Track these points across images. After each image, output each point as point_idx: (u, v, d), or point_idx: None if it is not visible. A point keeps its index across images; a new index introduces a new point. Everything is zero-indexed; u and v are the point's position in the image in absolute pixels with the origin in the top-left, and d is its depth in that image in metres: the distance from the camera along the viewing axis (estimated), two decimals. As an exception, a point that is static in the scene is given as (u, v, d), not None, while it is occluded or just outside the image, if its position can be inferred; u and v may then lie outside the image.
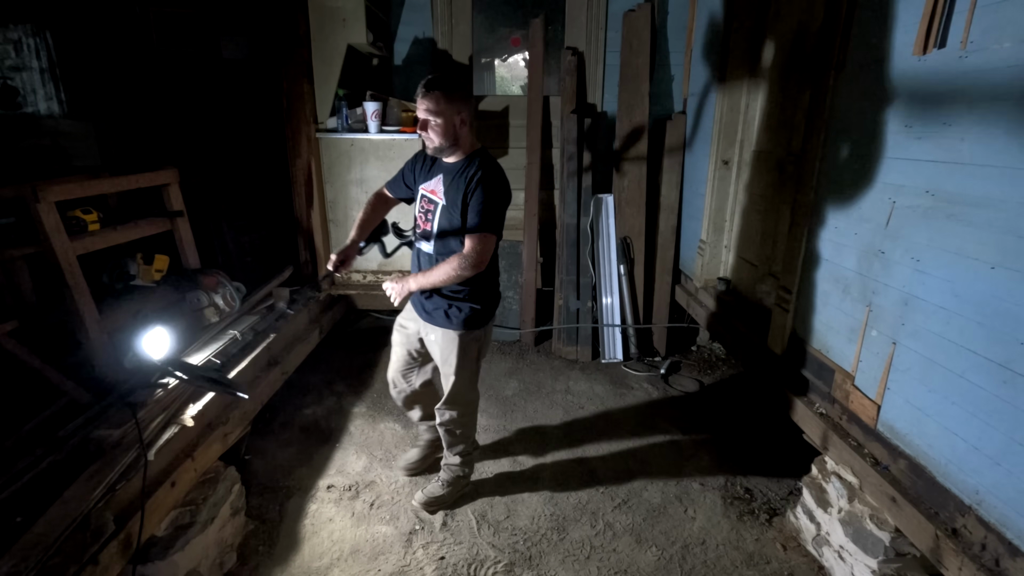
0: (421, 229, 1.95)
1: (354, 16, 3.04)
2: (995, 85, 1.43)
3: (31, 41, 2.84)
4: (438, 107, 1.74)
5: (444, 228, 1.88)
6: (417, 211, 1.97)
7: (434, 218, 1.89)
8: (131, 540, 1.49)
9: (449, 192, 1.86)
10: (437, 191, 1.88)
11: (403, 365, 2.22)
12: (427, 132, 1.79)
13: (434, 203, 1.89)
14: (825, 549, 1.96)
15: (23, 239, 1.95)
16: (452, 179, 1.85)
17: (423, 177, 1.96)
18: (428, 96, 1.74)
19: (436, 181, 1.90)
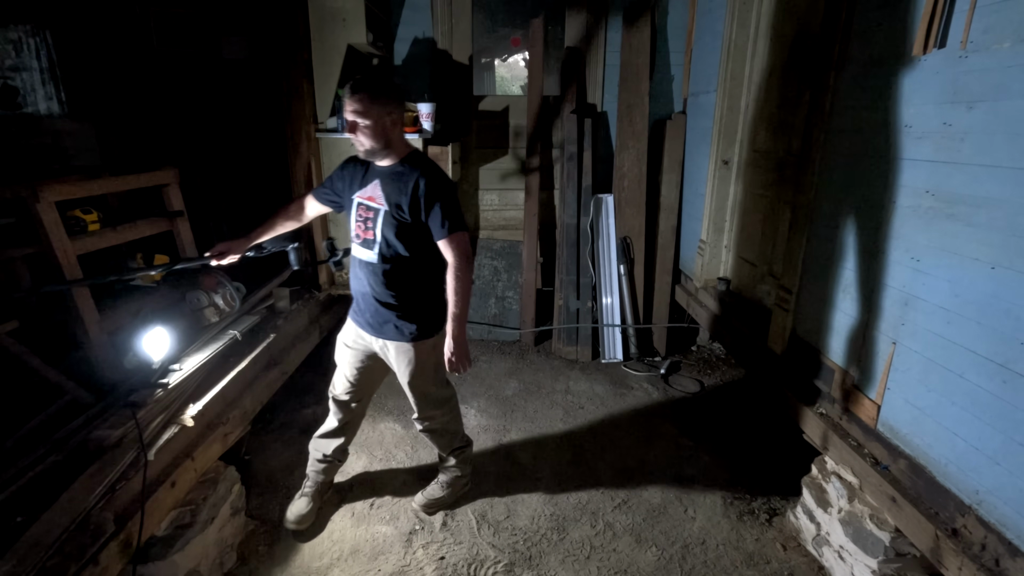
0: (361, 238, 1.83)
1: (354, 16, 3.04)
2: (995, 85, 1.43)
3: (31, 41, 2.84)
4: (365, 108, 1.67)
5: (388, 234, 1.78)
6: (354, 220, 1.84)
7: (376, 225, 1.79)
8: (131, 540, 1.49)
9: (390, 197, 1.77)
10: (376, 197, 1.79)
11: (349, 386, 2.08)
12: (356, 135, 1.71)
13: (374, 210, 1.79)
14: (825, 549, 1.96)
15: (23, 239, 1.94)
16: (392, 183, 1.78)
17: (357, 185, 1.84)
18: (353, 97, 1.67)
19: (373, 187, 1.80)
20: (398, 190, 1.76)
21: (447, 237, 1.78)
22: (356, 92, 1.67)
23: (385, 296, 1.86)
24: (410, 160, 1.80)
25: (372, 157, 1.79)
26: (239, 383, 2.20)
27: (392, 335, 1.90)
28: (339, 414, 2.13)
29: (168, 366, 2.01)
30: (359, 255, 1.86)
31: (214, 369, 2.16)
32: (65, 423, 1.69)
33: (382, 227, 1.78)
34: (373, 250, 1.82)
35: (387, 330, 1.90)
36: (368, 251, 1.83)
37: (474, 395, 3.11)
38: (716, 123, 3.22)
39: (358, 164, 1.87)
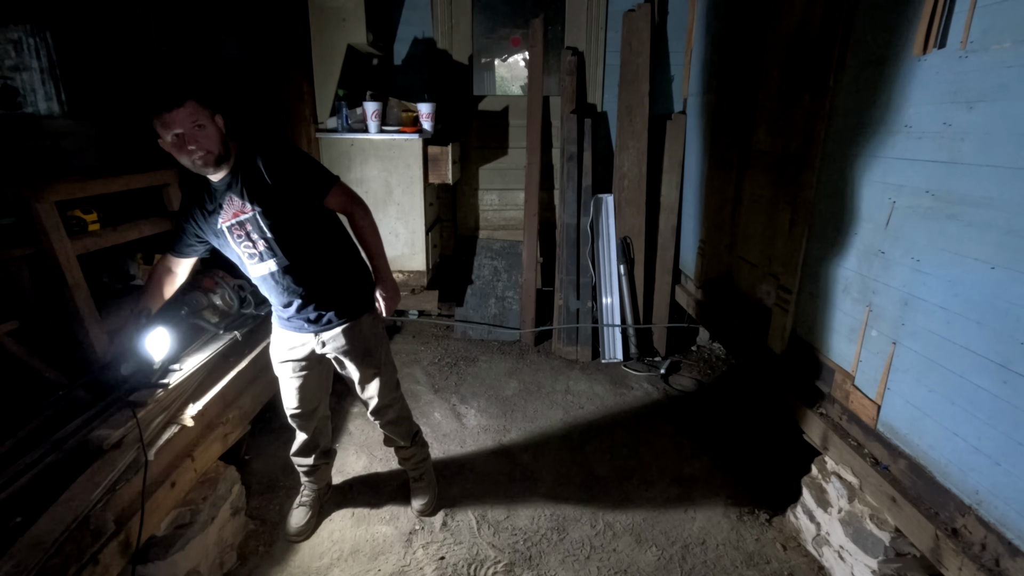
0: (256, 254, 1.69)
1: (354, 16, 3.04)
2: (995, 85, 1.43)
3: (31, 41, 2.84)
4: (199, 112, 1.54)
5: (279, 229, 1.65)
6: (236, 248, 1.69)
7: (262, 228, 1.64)
8: (131, 540, 1.50)
9: (254, 196, 1.62)
10: (239, 210, 1.63)
11: (299, 397, 1.98)
12: (194, 148, 1.52)
13: (246, 220, 1.64)
14: (825, 549, 1.96)
15: (23, 239, 1.94)
16: (240, 186, 1.62)
17: (214, 218, 1.66)
18: (183, 108, 1.50)
19: (228, 204, 1.64)
20: (250, 187, 1.62)
21: (330, 190, 1.71)
22: (182, 101, 1.51)
23: (310, 290, 1.75)
24: (240, 155, 1.65)
25: (215, 168, 1.59)
26: (239, 383, 2.20)
27: (335, 322, 1.81)
28: (304, 426, 2.05)
29: (168, 366, 2.01)
30: (261, 271, 1.72)
31: (214, 369, 2.16)
32: (65, 423, 1.69)
33: (266, 227, 1.64)
34: (276, 254, 1.69)
35: (335, 317, 1.81)
36: (271, 259, 1.69)
37: (474, 395, 3.11)
38: (716, 123, 3.22)
39: (200, 198, 1.68)
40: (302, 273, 1.74)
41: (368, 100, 3.13)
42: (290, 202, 1.66)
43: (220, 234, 1.69)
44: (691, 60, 3.66)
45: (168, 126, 1.50)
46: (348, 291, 1.84)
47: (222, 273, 2.53)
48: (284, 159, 1.66)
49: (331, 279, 1.80)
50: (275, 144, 1.67)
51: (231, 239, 1.68)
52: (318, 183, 1.71)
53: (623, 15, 3.61)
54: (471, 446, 2.64)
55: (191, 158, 1.54)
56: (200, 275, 2.47)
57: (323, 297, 1.79)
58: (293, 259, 1.70)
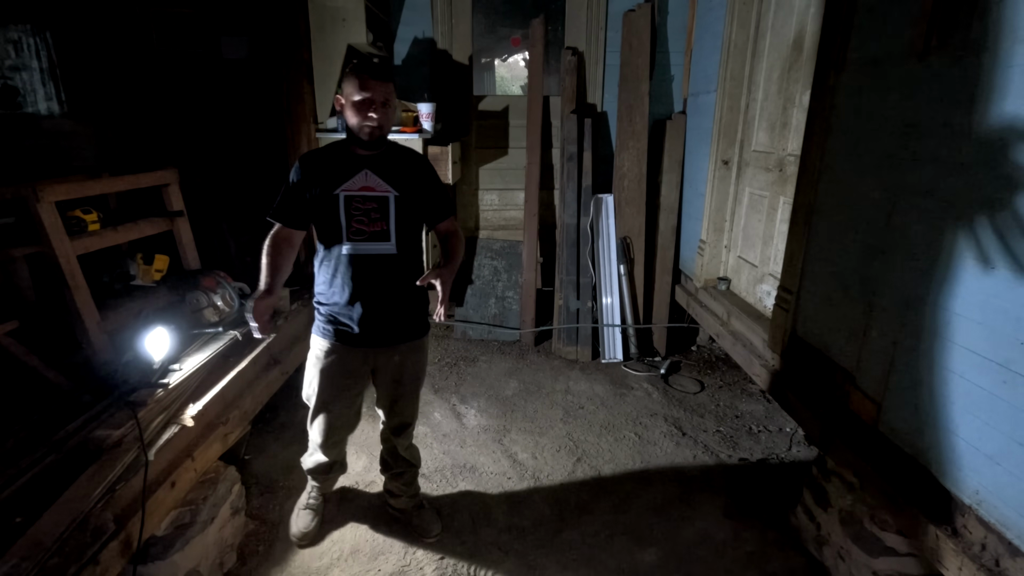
0: (367, 232, 1.69)
1: (354, 16, 3.04)
2: (995, 85, 1.43)
3: (31, 41, 2.84)
4: (390, 91, 1.65)
5: (404, 219, 1.72)
6: (343, 220, 1.68)
7: (389, 214, 1.70)
8: (131, 540, 1.49)
9: (402, 180, 1.71)
10: (375, 185, 1.69)
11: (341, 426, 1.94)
12: (374, 115, 1.62)
13: (380, 199, 1.69)
14: (825, 549, 1.96)
15: (23, 239, 1.95)
16: (391, 168, 1.71)
17: (337, 179, 1.68)
18: (385, 83, 1.63)
19: (363, 177, 1.69)
20: (403, 173, 1.73)
21: (450, 215, 1.85)
22: (389, 77, 1.65)
23: (406, 291, 1.78)
24: (392, 146, 1.78)
25: (376, 143, 1.69)
26: (239, 383, 2.20)
27: (411, 335, 1.84)
28: (331, 452, 1.99)
29: (168, 366, 2.01)
30: (365, 251, 1.70)
31: (214, 369, 2.16)
32: (65, 423, 1.69)
33: (397, 213, 1.70)
34: (390, 240, 1.71)
35: (405, 331, 1.82)
36: (383, 243, 1.71)
37: (474, 395, 3.11)
38: (716, 123, 3.22)
39: (320, 161, 1.72)
40: (405, 271, 1.76)
41: (368, 100, 3.12)
42: (421, 203, 1.75)
43: (330, 201, 1.68)
44: (691, 60, 3.66)
45: (365, 89, 1.59)
46: (423, 308, 1.87)
47: (223, 273, 2.54)
48: (431, 169, 1.82)
49: (418, 290, 1.79)
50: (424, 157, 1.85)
51: (342, 209, 1.67)
52: (447, 205, 1.85)
53: (623, 15, 3.61)
54: (471, 446, 2.64)
55: (365, 122, 1.62)
56: (200, 275, 2.47)
57: (410, 304, 1.82)
58: (403, 253, 1.74)
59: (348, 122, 1.66)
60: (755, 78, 3.03)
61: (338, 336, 1.77)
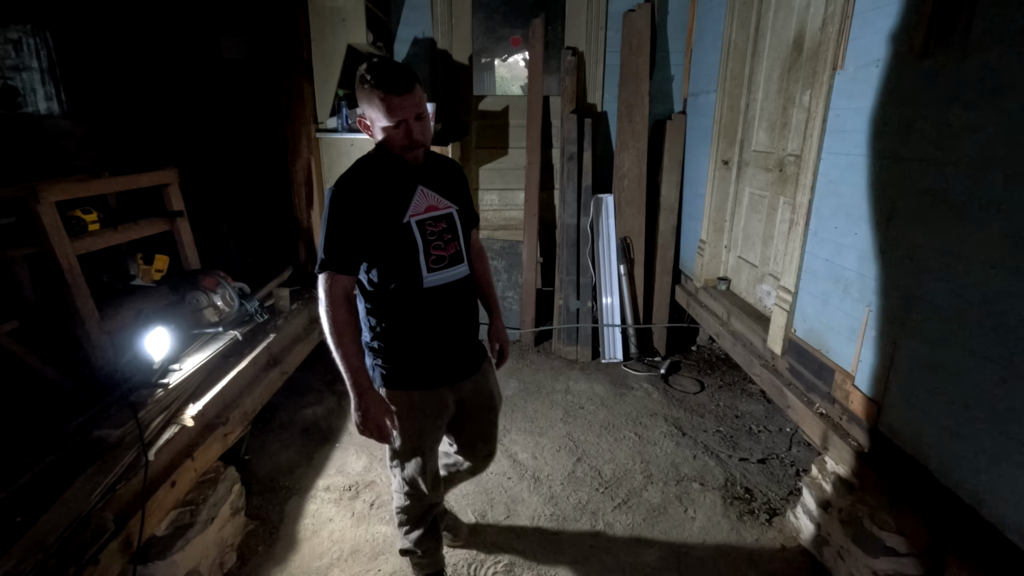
0: (445, 257, 1.46)
1: (354, 16, 3.04)
2: (995, 85, 1.43)
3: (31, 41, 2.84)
4: (424, 102, 1.39)
5: (466, 234, 1.54)
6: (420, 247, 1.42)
7: (457, 231, 1.49)
8: (131, 540, 1.50)
9: (453, 191, 1.52)
10: (438, 202, 1.46)
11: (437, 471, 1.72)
12: (417, 136, 1.37)
13: (446, 217, 1.47)
14: (825, 549, 1.96)
15: (23, 239, 1.95)
16: (438, 178, 1.50)
17: (399, 204, 1.41)
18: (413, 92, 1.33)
19: (421, 196, 1.44)
20: (451, 182, 1.54)
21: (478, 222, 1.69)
22: (411, 84, 1.33)
23: (476, 311, 1.61)
24: (430, 154, 1.56)
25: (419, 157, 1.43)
26: (239, 383, 2.20)
27: (483, 354, 1.66)
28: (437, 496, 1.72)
29: (168, 366, 2.01)
30: (446, 279, 1.47)
31: (214, 369, 2.16)
32: (65, 423, 1.69)
33: (462, 228, 1.51)
34: (464, 261, 1.51)
35: (480, 352, 1.64)
36: (458, 267, 1.49)
37: (474, 395, 3.11)
38: (716, 123, 3.22)
39: (367, 186, 1.40)
40: (472, 289, 1.58)
41: (368, 100, 3.12)
42: (468, 212, 1.57)
43: (401, 231, 1.40)
44: (691, 60, 3.66)
45: (394, 111, 1.31)
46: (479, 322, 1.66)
47: (223, 273, 2.54)
48: (463, 171, 1.64)
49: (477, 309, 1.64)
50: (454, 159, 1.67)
51: (419, 236, 1.41)
52: (475, 213, 1.66)
53: (623, 15, 3.61)
54: (471, 446, 2.64)
55: (406, 150, 1.37)
56: (200, 275, 2.47)
57: (475, 327, 1.63)
58: (471, 269, 1.55)
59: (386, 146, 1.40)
60: (755, 78, 3.03)
61: (429, 380, 1.52)
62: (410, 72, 1.34)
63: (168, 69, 3.47)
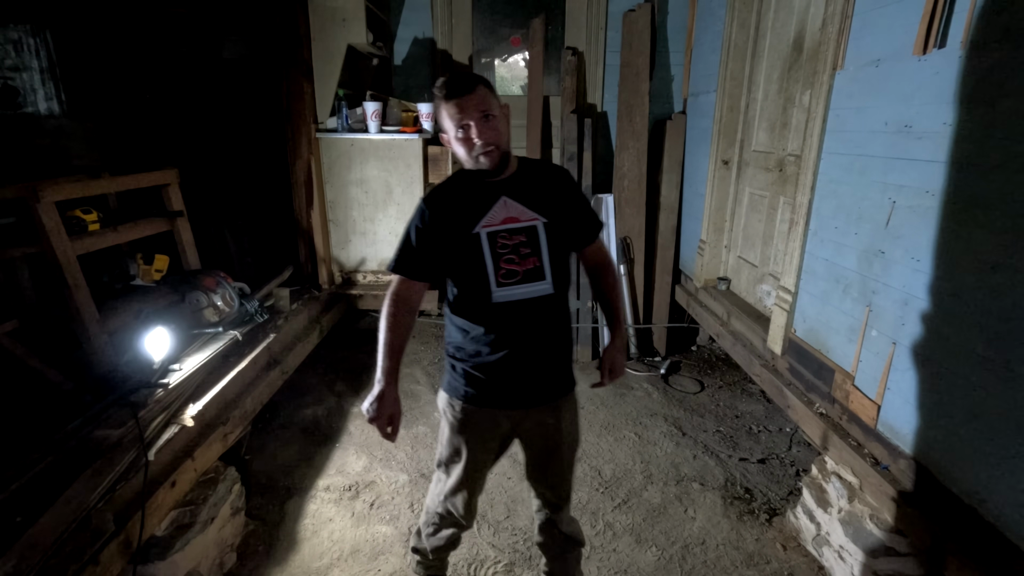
0: (520, 272, 1.36)
1: (354, 16, 3.04)
2: (995, 85, 1.43)
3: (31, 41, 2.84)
4: (489, 99, 1.31)
5: (557, 250, 1.39)
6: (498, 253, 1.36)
7: (540, 246, 1.37)
8: (131, 540, 1.50)
9: (546, 201, 1.39)
10: (520, 213, 1.37)
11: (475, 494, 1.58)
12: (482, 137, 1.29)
13: (528, 229, 1.36)
14: (825, 549, 1.96)
15: (23, 239, 1.95)
16: (530, 188, 1.39)
17: (473, 215, 1.36)
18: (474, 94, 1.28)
19: (503, 207, 1.37)
20: (546, 192, 1.40)
21: (599, 233, 1.52)
22: (472, 86, 1.29)
23: (562, 336, 1.47)
24: (527, 162, 1.45)
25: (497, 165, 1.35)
26: (239, 383, 2.20)
27: (565, 388, 1.50)
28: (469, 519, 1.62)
29: (168, 366, 2.01)
30: (519, 296, 1.37)
31: (214, 369, 2.16)
32: (65, 423, 1.69)
33: (549, 243, 1.37)
34: (545, 279, 1.38)
35: (560, 386, 1.49)
36: (536, 284, 1.37)
37: (474, 395, 3.11)
38: (716, 123, 3.22)
39: (448, 197, 1.40)
40: (561, 312, 1.46)
41: (368, 100, 3.13)
42: (568, 226, 1.43)
43: (470, 242, 1.35)
44: (691, 60, 3.66)
45: (455, 115, 1.29)
46: (570, 352, 1.53)
47: (223, 273, 2.54)
48: (574, 182, 1.51)
49: (567, 332, 1.50)
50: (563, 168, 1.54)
51: (487, 249, 1.35)
52: (594, 222, 1.50)
53: (623, 15, 3.61)
54: (471, 446, 2.64)
55: (474, 152, 1.31)
56: (200, 275, 2.47)
57: (564, 352, 1.50)
58: (557, 289, 1.41)
59: (459, 157, 1.38)
60: (755, 78, 3.03)
61: (485, 399, 1.45)
62: (476, 77, 1.32)
63: (168, 69, 3.47)
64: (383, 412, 1.35)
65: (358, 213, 3.28)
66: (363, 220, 3.30)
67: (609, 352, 1.53)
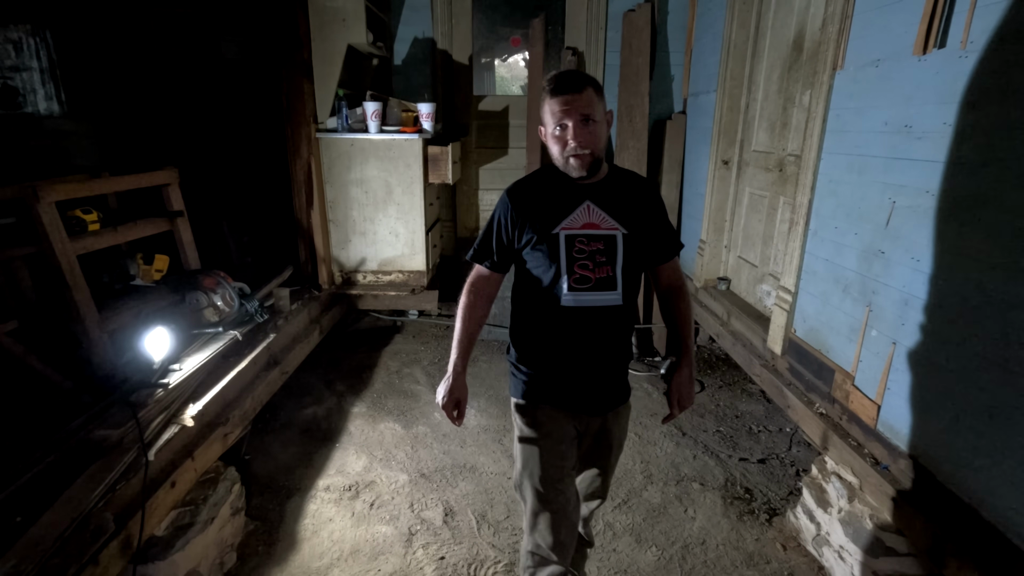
0: (592, 279, 1.35)
1: (354, 16, 3.04)
2: (995, 85, 1.43)
3: (31, 41, 2.84)
4: (594, 102, 1.29)
5: (631, 262, 1.38)
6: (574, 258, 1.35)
7: (616, 256, 1.35)
8: (131, 540, 1.50)
9: (629, 213, 1.37)
10: (601, 221, 1.36)
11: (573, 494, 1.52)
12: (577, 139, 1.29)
13: (606, 238, 1.35)
14: (825, 549, 1.96)
15: (23, 239, 1.95)
16: (617, 197, 1.38)
17: (556, 215, 1.36)
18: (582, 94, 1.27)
19: (585, 211, 1.36)
20: (630, 204, 1.39)
21: (677, 254, 1.48)
22: (580, 86, 1.28)
23: (624, 347, 1.49)
24: (617, 170, 1.45)
25: (589, 171, 1.34)
26: (239, 383, 2.20)
27: (622, 398, 1.52)
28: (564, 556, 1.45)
29: (168, 366, 2.01)
30: (588, 302, 1.36)
31: (214, 369, 2.16)
32: (65, 423, 1.69)
33: (625, 255, 1.36)
34: (616, 289, 1.37)
35: (618, 395, 1.51)
36: (607, 293, 1.36)
37: (474, 395, 3.10)
38: (716, 123, 3.22)
39: (532, 192, 1.40)
40: (627, 324, 1.46)
41: (368, 100, 3.13)
42: (647, 241, 1.41)
43: (549, 242, 1.35)
44: (691, 60, 3.66)
45: (556, 112, 1.28)
46: (627, 363, 1.54)
47: (223, 273, 2.54)
48: (660, 198, 1.47)
49: (628, 344, 1.51)
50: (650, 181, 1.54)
51: (564, 250, 1.34)
52: (674, 240, 1.47)
53: (623, 15, 3.61)
54: (471, 446, 2.64)
55: (565, 152, 1.31)
56: (200, 275, 2.47)
57: (623, 363, 1.50)
58: (626, 301, 1.40)
59: (551, 154, 1.37)
60: (755, 78, 3.03)
61: (552, 399, 1.46)
62: (586, 78, 1.30)
63: (168, 69, 3.47)
64: (452, 398, 1.38)
65: (358, 213, 3.28)
66: (363, 220, 3.30)
67: (677, 382, 1.45)
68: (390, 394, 3.03)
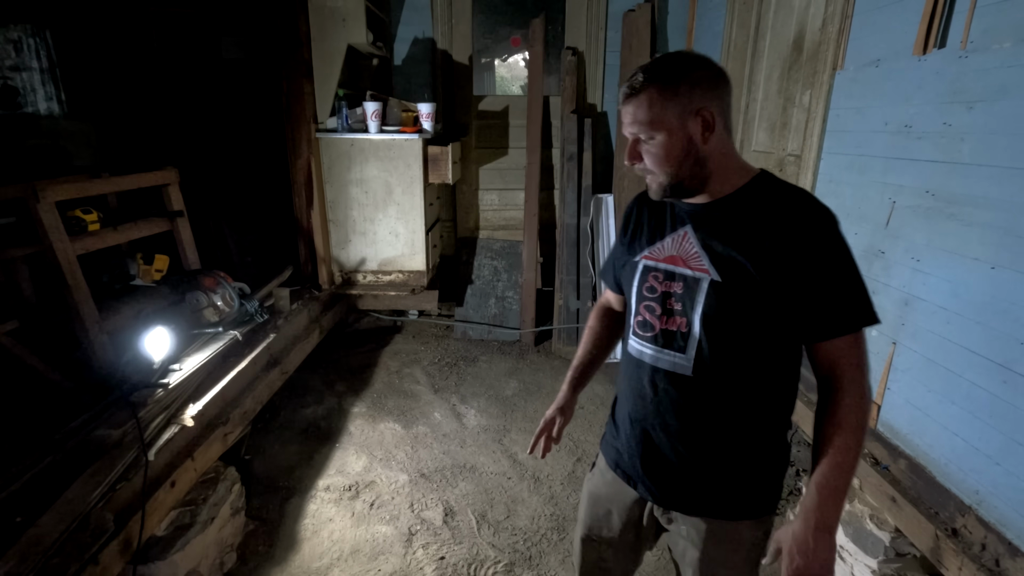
0: (657, 328, 1.04)
1: (354, 16, 3.04)
2: (995, 85, 1.43)
3: (31, 41, 2.84)
4: (651, 112, 0.94)
5: (723, 322, 0.97)
6: (637, 296, 1.07)
7: (696, 306, 0.98)
8: (131, 540, 1.50)
9: (725, 255, 0.97)
10: (687, 256, 1.01)
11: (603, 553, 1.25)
12: (632, 160, 1.01)
13: (689, 279, 0.99)
14: (825, 549, 1.96)
15: (23, 239, 1.95)
16: (726, 229, 0.98)
17: (647, 237, 1.09)
18: (635, 98, 0.95)
19: (677, 240, 1.03)
20: (756, 240, 0.95)
21: (855, 332, 0.96)
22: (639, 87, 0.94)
23: (696, 434, 1.05)
24: (759, 188, 1.00)
25: (676, 193, 1.01)
26: (239, 383, 2.20)
27: (710, 506, 1.09)
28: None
29: (168, 366, 2.01)
30: (646, 357, 1.06)
31: (214, 369, 2.16)
32: (65, 423, 1.69)
33: (703, 309, 0.98)
34: (686, 351, 1.01)
35: (699, 496, 1.09)
36: (672, 353, 1.03)
37: (474, 395, 3.11)
38: (716, 123, 3.22)
39: (641, 211, 1.14)
40: (703, 405, 1.04)
41: (368, 100, 3.13)
42: (768, 301, 0.95)
43: (629, 267, 1.10)
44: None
45: (623, 121, 0.99)
46: (746, 475, 1.09)
47: (223, 273, 2.54)
48: (820, 237, 0.95)
49: (735, 441, 1.06)
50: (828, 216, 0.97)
51: (636, 284, 1.07)
52: (844, 308, 0.96)
53: (623, 15, 3.61)
54: (471, 446, 2.65)
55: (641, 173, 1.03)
56: (200, 275, 2.47)
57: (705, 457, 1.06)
58: (705, 375, 1.01)
59: None
60: (755, 78, 3.03)
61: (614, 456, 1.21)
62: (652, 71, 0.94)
63: (168, 69, 3.48)
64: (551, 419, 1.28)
65: (358, 213, 3.28)
66: (363, 220, 3.29)
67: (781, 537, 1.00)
68: (390, 394, 3.03)
